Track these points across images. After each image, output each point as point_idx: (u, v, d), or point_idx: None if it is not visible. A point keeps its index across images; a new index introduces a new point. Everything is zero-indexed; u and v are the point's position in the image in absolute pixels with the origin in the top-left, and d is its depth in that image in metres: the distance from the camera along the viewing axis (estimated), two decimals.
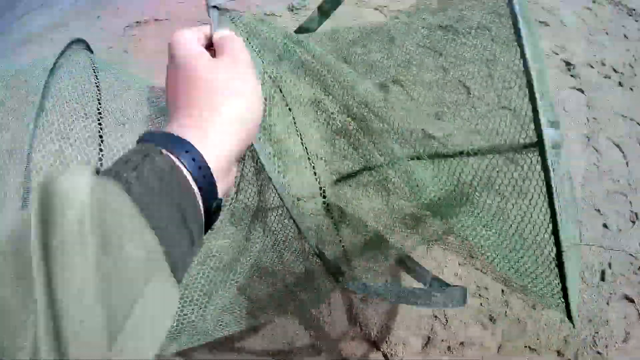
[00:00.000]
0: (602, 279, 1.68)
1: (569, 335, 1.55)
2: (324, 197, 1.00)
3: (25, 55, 2.73)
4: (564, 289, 0.74)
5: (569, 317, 0.77)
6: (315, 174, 1.03)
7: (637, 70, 2.46)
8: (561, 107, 2.18)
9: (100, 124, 0.89)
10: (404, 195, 1.03)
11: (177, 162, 0.35)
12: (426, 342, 1.54)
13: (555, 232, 0.69)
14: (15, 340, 0.21)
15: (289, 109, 0.93)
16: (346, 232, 1.08)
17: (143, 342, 0.26)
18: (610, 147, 2.06)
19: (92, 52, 1.06)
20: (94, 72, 0.98)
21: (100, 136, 0.87)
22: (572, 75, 2.35)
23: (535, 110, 0.66)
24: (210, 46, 0.49)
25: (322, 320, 1.59)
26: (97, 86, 0.98)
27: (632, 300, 1.65)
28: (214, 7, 0.73)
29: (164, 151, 0.34)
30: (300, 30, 1.25)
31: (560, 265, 0.71)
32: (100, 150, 0.85)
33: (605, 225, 1.81)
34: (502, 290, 1.64)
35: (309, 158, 1.06)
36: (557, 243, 0.70)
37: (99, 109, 0.91)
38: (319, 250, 0.87)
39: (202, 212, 0.37)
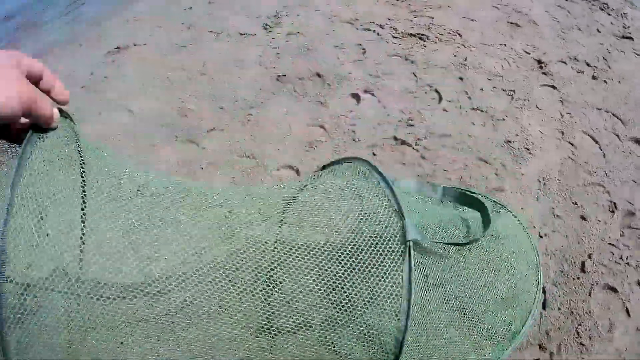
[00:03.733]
0: (583, 270, 1.69)
1: (551, 329, 1.56)
2: None
3: None
4: None
5: None
6: None
7: (610, 62, 2.50)
8: (534, 105, 2.21)
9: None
10: None
11: None
12: None
13: None
14: None
15: None
16: None
17: None
18: (586, 140, 2.09)
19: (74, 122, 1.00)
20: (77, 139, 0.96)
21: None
22: (544, 73, 2.39)
23: None
24: None
25: None
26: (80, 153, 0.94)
27: (615, 290, 1.65)
28: None
29: None
30: None
31: None
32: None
33: (583, 217, 1.83)
34: None
35: None
36: None
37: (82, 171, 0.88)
38: None
39: None
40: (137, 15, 3.38)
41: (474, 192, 1.71)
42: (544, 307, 1.61)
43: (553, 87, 2.33)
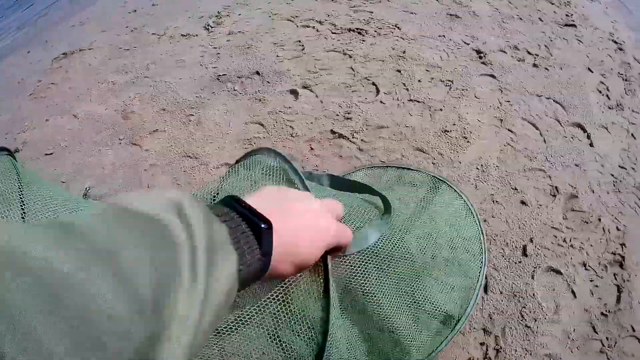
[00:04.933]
0: (524, 253, 1.68)
1: (494, 312, 1.55)
2: None
3: None
4: None
5: None
6: None
7: (552, 50, 2.52)
8: (472, 95, 2.21)
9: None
10: None
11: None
12: None
13: None
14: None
15: None
16: None
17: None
18: (526, 127, 2.09)
19: (15, 159, 1.05)
20: (18, 177, 1.00)
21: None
22: (483, 63, 2.40)
23: None
24: None
25: None
26: (21, 191, 0.98)
27: (559, 272, 1.64)
28: None
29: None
30: None
31: None
32: None
33: (523, 202, 1.82)
34: None
35: None
36: None
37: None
38: None
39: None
40: (83, 20, 3.37)
41: (409, 168, 1.70)
42: (485, 291, 1.60)
43: (492, 76, 2.33)
